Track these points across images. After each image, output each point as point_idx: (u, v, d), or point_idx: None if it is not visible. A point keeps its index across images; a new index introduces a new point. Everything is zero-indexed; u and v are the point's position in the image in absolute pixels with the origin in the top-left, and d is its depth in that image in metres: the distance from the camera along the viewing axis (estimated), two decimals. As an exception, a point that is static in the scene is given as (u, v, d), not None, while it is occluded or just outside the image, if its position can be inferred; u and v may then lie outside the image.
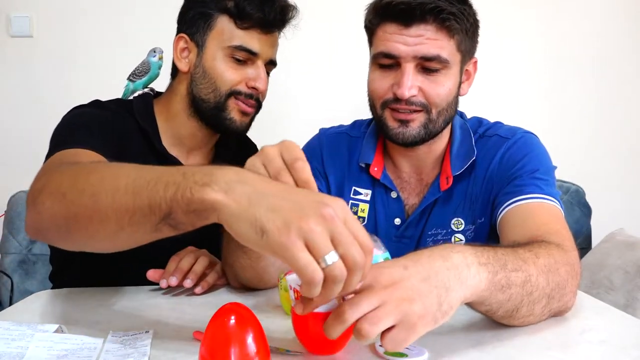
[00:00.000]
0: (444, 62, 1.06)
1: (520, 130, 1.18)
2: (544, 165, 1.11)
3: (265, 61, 1.18)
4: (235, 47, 1.15)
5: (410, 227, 1.18)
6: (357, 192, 1.22)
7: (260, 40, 1.16)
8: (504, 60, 2.12)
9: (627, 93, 2.15)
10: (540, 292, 0.81)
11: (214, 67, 1.17)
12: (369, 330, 0.63)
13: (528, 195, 1.04)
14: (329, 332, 0.66)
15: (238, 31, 1.15)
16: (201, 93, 1.19)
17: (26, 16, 2.11)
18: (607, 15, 2.13)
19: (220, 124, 1.20)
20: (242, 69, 1.17)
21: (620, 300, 1.65)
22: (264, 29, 1.16)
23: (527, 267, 0.80)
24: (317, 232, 0.57)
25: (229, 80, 1.17)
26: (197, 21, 1.18)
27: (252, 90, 1.18)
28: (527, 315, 0.82)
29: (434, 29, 1.04)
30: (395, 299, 0.65)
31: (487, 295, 0.75)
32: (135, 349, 0.77)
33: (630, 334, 0.84)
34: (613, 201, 2.11)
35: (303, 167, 0.69)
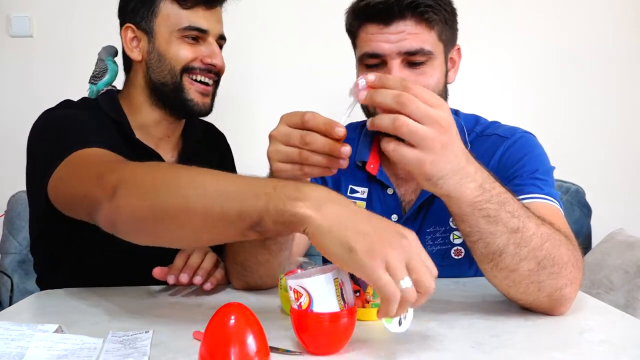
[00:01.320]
0: (427, 54, 1.08)
1: (520, 130, 1.18)
2: (543, 166, 1.11)
3: (215, 37, 1.21)
4: (184, 29, 1.18)
5: (408, 224, 1.17)
6: (354, 190, 1.23)
7: (206, 17, 1.19)
8: (504, 59, 2.12)
9: (628, 93, 2.15)
10: (530, 251, 0.83)
11: (168, 49, 1.19)
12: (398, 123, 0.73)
13: (529, 195, 1.04)
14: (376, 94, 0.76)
15: (183, 12, 1.18)
16: (159, 77, 1.20)
17: (26, 16, 2.10)
18: (608, 15, 2.12)
19: (182, 107, 1.21)
20: (195, 47, 1.19)
21: (620, 300, 1.65)
22: (207, 5, 1.19)
23: (526, 222, 0.83)
24: (397, 260, 0.67)
25: (183, 58, 1.18)
26: (141, 10, 1.20)
27: (209, 66, 1.20)
28: (511, 268, 0.83)
29: (414, 23, 1.07)
30: (428, 134, 0.74)
31: (469, 212, 0.81)
32: (135, 349, 0.77)
33: (630, 334, 0.84)
34: (613, 201, 2.10)
35: (313, 116, 0.79)
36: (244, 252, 1.03)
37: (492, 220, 0.81)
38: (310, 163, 0.81)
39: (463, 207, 0.81)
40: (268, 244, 0.99)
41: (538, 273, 0.84)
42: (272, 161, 0.85)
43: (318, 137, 0.80)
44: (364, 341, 0.80)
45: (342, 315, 0.74)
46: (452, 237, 1.16)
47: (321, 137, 0.80)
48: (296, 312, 0.75)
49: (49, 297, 1.09)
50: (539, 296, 0.86)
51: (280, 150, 0.83)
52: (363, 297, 0.87)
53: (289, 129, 0.82)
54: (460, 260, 1.16)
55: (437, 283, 1.09)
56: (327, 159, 0.80)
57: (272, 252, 1.01)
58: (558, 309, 0.89)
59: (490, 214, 0.81)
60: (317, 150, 0.80)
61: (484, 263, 0.85)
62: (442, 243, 1.16)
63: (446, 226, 1.16)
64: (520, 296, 0.88)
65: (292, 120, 0.83)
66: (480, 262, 0.86)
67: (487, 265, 0.85)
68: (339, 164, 0.81)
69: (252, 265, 1.04)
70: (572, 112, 2.13)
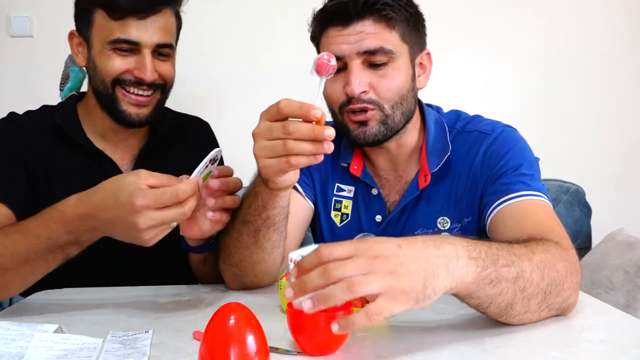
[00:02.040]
0: (388, 54, 1.07)
1: (500, 124, 1.17)
2: (527, 160, 1.10)
3: (151, 48, 1.15)
4: (114, 41, 1.14)
5: (391, 225, 1.18)
6: (340, 189, 1.23)
7: (139, 28, 1.13)
8: (504, 59, 2.12)
9: (628, 93, 2.15)
10: (535, 288, 0.80)
11: (100, 62, 1.16)
12: (352, 288, 0.66)
13: (517, 193, 1.03)
14: (305, 281, 0.69)
15: (114, 23, 1.13)
16: (95, 86, 1.20)
17: (26, 16, 2.10)
18: (608, 15, 2.13)
19: (118, 117, 1.19)
20: (127, 59, 1.15)
21: (620, 300, 1.64)
22: (139, 15, 1.13)
23: (520, 263, 0.79)
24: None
25: (112, 71, 1.15)
26: (81, 17, 1.19)
27: (138, 79, 1.16)
28: (523, 311, 0.82)
29: (372, 22, 1.06)
30: (384, 270, 0.68)
31: (475, 289, 0.75)
32: (135, 349, 0.77)
33: (630, 334, 0.84)
34: (613, 201, 2.10)
35: (288, 102, 0.82)
36: (237, 253, 1.03)
37: (495, 282, 0.77)
38: (295, 152, 0.82)
39: (469, 287, 0.75)
40: (261, 243, 1.00)
41: (546, 301, 0.83)
42: (259, 159, 0.86)
43: (300, 123, 0.81)
44: (362, 341, 0.80)
45: (338, 315, 0.74)
46: None
47: (303, 123, 0.81)
48: (292, 312, 0.75)
49: (49, 297, 1.09)
50: (549, 314, 0.86)
51: (265, 146, 0.84)
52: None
53: (270, 123, 0.83)
54: None
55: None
56: (312, 145, 0.81)
57: (266, 250, 1.02)
58: (564, 314, 0.89)
59: (492, 278, 0.76)
60: (301, 138, 0.81)
61: (498, 318, 0.83)
62: None
63: (434, 228, 1.15)
64: (534, 321, 0.86)
65: (270, 113, 0.84)
66: (494, 317, 0.83)
67: (501, 319, 0.83)
68: (324, 149, 0.82)
69: (247, 265, 1.04)
70: (573, 112, 2.13)
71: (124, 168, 1.25)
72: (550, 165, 1.44)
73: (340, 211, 1.22)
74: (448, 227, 1.15)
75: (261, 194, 0.95)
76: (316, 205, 1.24)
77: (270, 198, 0.95)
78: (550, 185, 1.89)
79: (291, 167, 0.85)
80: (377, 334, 0.84)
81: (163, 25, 1.16)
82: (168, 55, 1.20)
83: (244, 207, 1.00)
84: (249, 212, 0.98)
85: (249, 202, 0.98)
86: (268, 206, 0.96)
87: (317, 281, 0.68)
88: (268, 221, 0.98)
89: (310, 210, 1.23)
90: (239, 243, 1.02)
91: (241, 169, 1.04)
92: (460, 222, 1.14)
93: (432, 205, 1.15)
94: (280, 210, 0.98)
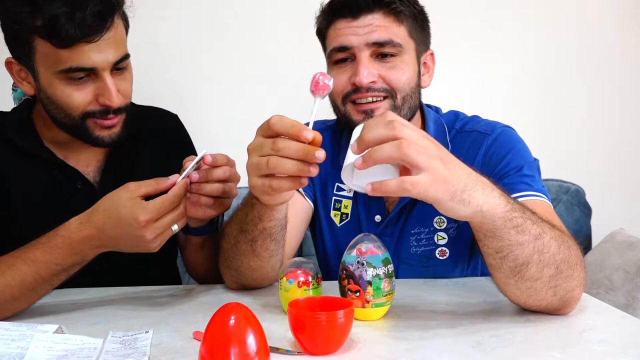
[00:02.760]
0: (397, 46, 1.08)
1: (499, 124, 1.18)
2: (527, 161, 1.11)
3: (109, 68, 1.04)
4: (66, 70, 1.02)
5: (390, 225, 1.18)
6: (340, 189, 1.23)
7: (91, 52, 1.01)
8: (504, 59, 2.12)
9: (628, 93, 2.15)
10: (551, 257, 0.81)
11: (55, 94, 1.05)
12: (403, 148, 0.71)
13: (520, 193, 1.04)
14: (369, 133, 0.74)
15: (62, 52, 1.00)
16: (57, 117, 1.09)
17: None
18: (607, 15, 2.12)
19: (89, 142, 1.11)
20: (86, 86, 1.05)
21: (620, 300, 1.64)
22: (89, 38, 1.00)
23: (542, 225, 0.82)
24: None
25: (77, 105, 1.05)
26: (17, 44, 1.05)
27: (105, 107, 1.06)
28: (535, 277, 0.82)
29: (382, 16, 1.07)
30: (435, 154, 0.73)
31: (501, 225, 0.78)
32: (135, 349, 0.77)
33: (630, 334, 0.84)
34: (613, 201, 2.10)
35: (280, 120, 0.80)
36: (235, 259, 1.03)
37: (520, 229, 0.78)
38: (278, 171, 0.80)
39: (496, 220, 0.77)
40: (259, 252, 0.99)
41: (556, 278, 0.83)
42: (249, 176, 0.85)
43: (291, 142, 0.79)
44: (363, 341, 0.80)
45: (339, 315, 0.74)
46: (437, 238, 1.16)
47: (294, 142, 0.79)
48: (293, 312, 0.75)
49: (49, 297, 1.08)
50: (553, 300, 0.86)
51: (253, 163, 0.82)
52: (363, 297, 0.87)
53: (262, 139, 0.82)
54: (444, 261, 1.16)
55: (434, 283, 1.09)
56: (296, 165, 0.79)
57: (264, 259, 1.01)
58: (565, 310, 0.89)
59: (518, 224, 0.78)
60: (289, 156, 0.79)
61: (509, 278, 0.83)
62: (426, 244, 1.16)
63: (430, 227, 1.16)
64: (536, 303, 0.87)
65: (263, 128, 0.83)
66: (506, 277, 0.84)
67: (512, 279, 0.83)
68: (309, 172, 0.80)
69: (245, 270, 1.04)
70: (572, 112, 2.13)
71: (90, 176, 1.18)
72: (550, 165, 1.44)
73: (340, 211, 1.22)
74: (444, 226, 1.15)
75: (257, 206, 0.93)
76: (316, 205, 1.24)
77: (266, 211, 0.93)
78: (550, 185, 1.89)
79: (273, 190, 0.83)
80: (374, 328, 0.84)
81: (115, 39, 1.04)
82: (125, 66, 1.10)
83: (241, 215, 0.98)
84: (246, 222, 0.97)
85: (246, 211, 0.97)
86: (264, 218, 0.94)
87: (380, 131, 0.73)
88: (265, 232, 0.96)
89: (310, 209, 1.23)
90: (236, 250, 1.01)
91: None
92: (457, 222, 1.14)
93: (429, 205, 1.15)
94: (277, 222, 0.96)
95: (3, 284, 0.95)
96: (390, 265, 0.88)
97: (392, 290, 0.89)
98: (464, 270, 1.19)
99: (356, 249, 0.88)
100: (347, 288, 0.88)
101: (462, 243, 1.15)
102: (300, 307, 0.79)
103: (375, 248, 0.88)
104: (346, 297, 0.88)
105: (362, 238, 0.90)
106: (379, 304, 0.87)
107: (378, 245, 0.89)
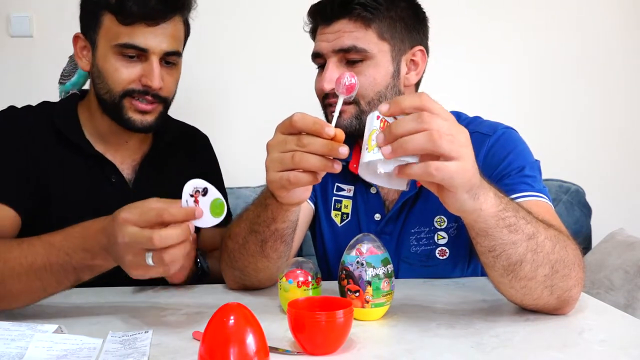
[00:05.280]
0: (361, 52, 1.09)
1: (501, 125, 1.18)
2: (528, 162, 1.11)
3: (159, 55, 1.14)
4: (121, 45, 1.12)
5: (390, 223, 1.18)
6: (340, 189, 1.23)
7: (147, 35, 1.12)
8: (503, 59, 2.12)
9: (628, 93, 2.14)
10: (545, 257, 0.82)
11: (105, 66, 1.14)
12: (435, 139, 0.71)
13: (521, 193, 1.04)
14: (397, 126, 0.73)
15: (122, 28, 1.11)
16: (101, 93, 1.17)
17: (26, 16, 2.10)
18: (608, 15, 2.12)
19: (121, 123, 1.18)
20: (134, 65, 1.14)
21: (620, 300, 1.64)
22: (149, 21, 1.11)
23: (537, 225, 0.83)
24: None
25: (121, 80, 1.13)
26: (88, 19, 1.17)
27: (146, 87, 1.14)
28: (529, 276, 0.83)
29: (348, 21, 1.10)
30: (464, 142, 0.74)
31: (493, 224, 0.79)
32: (134, 349, 0.77)
33: (630, 334, 0.84)
34: (613, 201, 2.10)
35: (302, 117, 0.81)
36: (242, 260, 1.03)
37: (512, 229, 0.80)
38: (303, 166, 0.81)
39: (489, 219, 0.79)
40: (268, 253, 0.99)
41: (552, 277, 0.83)
42: (268, 171, 0.85)
43: (316, 138, 0.80)
44: (363, 341, 0.80)
45: (338, 315, 0.74)
46: (437, 238, 1.16)
47: (318, 138, 0.80)
48: (292, 312, 0.75)
49: (49, 297, 1.08)
50: (550, 299, 0.87)
51: (276, 159, 0.83)
52: (363, 297, 0.87)
53: (284, 136, 0.83)
54: (445, 261, 1.16)
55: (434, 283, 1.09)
56: (320, 161, 0.80)
57: (272, 260, 1.01)
58: (564, 309, 0.90)
59: (511, 223, 0.80)
60: (315, 152, 0.80)
61: (503, 277, 0.84)
62: (426, 243, 1.16)
63: (430, 226, 1.16)
64: (532, 302, 0.88)
65: (284, 126, 0.84)
66: (500, 276, 0.85)
67: (506, 278, 0.84)
68: (332, 168, 0.81)
69: (251, 271, 1.04)
70: (573, 112, 2.13)
71: (124, 173, 1.24)
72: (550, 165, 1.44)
73: (341, 211, 1.23)
74: (445, 225, 1.15)
75: (271, 207, 0.94)
76: (316, 206, 1.24)
77: (280, 212, 0.94)
78: (550, 185, 1.89)
79: (290, 184, 0.83)
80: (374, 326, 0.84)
81: (172, 32, 1.15)
82: (175, 63, 1.19)
83: (252, 215, 0.98)
84: (257, 222, 0.97)
85: (258, 212, 0.97)
86: (277, 219, 0.95)
87: (410, 125, 0.72)
88: (276, 234, 0.97)
89: (311, 211, 1.23)
90: (244, 250, 1.01)
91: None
92: (457, 222, 1.14)
93: (430, 203, 1.15)
94: (289, 224, 0.97)
95: (17, 259, 0.92)
96: (389, 265, 0.88)
97: (391, 290, 0.89)
98: (464, 270, 1.19)
99: (356, 249, 0.88)
100: (346, 288, 0.88)
101: (462, 243, 1.15)
102: (300, 307, 0.79)
103: (374, 248, 0.88)
104: (346, 297, 0.88)
105: (361, 238, 0.90)
106: (379, 304, 0.87)
107: (378, 245, 0.89)
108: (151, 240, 0.77)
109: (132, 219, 0.80)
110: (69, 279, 0.91)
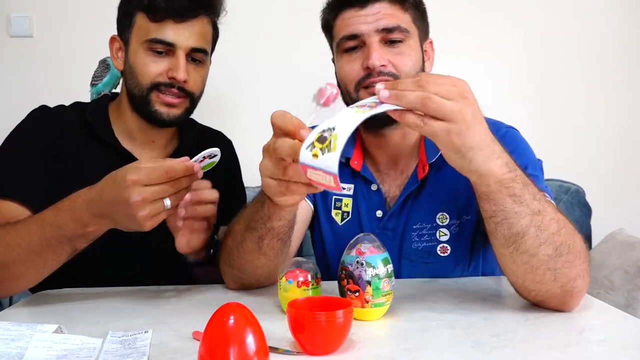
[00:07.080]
0: (404, 32, 1.11)
1: (503, 124, 1.18)
2: (531, 161, 1.12)
3: (186, 51, 1.19)
4: (150, 41, 1.18)
5: (392, 219, 1.18)
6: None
7: (175, 31, 1.18)
8: (503, 58, 2.12)
9: (628, 93, 2.15)
10: (549, 236, 0.83)
11: (135, 62, 1.20)
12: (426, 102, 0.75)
13: None
14: (398, 82, 0.78)
15: (152, 24, 1.18)
16: (131, 88, 1.23)
17: (26, 16, 2.10)
18: (608, 15, 2.13)
19: (149, 117, 1.22)
20: (162, 60, 1.19)
21: (620, 300, 1.65)
22: (176, 18, 1.17)
23: (545, 205, 0.84)
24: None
25: (149, 73, 1.19)
26: (123, 20, 1.24)
27: (172, 80, 1.19)
28: (531, 252, 0.84)
29: (388, 4, 1.11)
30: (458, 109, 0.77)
31: (495, 189, 0.82)
32: (134, 348, 0.77)
33: (630, 334, 0.84)
34: (613, 201, 2.10)
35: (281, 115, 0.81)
36: (240, 257, 1.03)
37: (517, 199, 0.82)
38: (295, 180, 0.81)
39: (491, 184, 0.82)
40: (265, 250, 0.99)
41: (555, 260, 0.85)
42: (261, 176, 0.86)
43: (285, 141, 0.79)
44: (362, 341, 0.80)
45: (338, 315, 0.74)
46: (439, 234, 1.16)
47: (289, 141, 0.79)
48: (292, 312, 0.75)
49: (49, 297, 1.09)
50: (554, 286, 0.87)
51: (266, 165, 0.84)
52: (362, 297, 0.87)
53: (273, 139, 0.83)
54: (446, 258, 1.16)
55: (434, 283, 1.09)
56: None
57: (269, 257, 1.01)
58: (569, 303, 0.90)
59: (515, 193, 0.82)
60: (284, 157, 0.80)
61: (505, 247, 0.86)
62: (428, 240, 1.16)
63: (432, 223, 1.16)
64: (535, 286, 0.88)
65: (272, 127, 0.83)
66: (502, 246, 0.86)
67: (508, 249, 0.86)
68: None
69: (249, 269, 1.04)
70: (573, 112, 2.13)
71: None
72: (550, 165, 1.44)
73: (341, 209, 1.23)
74: (447, 222, 1.15)
75: (267, 204, 0.94)
76: (316, 206, 1.24)
77: (276, 210, 0.94)
78: (550, 185, 1.87)
79: (291, 193, 0.84)
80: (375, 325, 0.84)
81: (199, 30, 1.20)
82: (202, 61, 1.23)
83: (249, 213, 0.99)
84: (254, 219, 0.97)
85: (255, 209, 0.97)
86: (273, 217, 0.95)
87: (409, 85, 0.77)
88: (272, 231, 0.97)
89: (310, 211, 1.23)
90: (242, 248, 1.01)
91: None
92: (459, 219, 1.15)
93: (431, 200, 1.16)
94: (285, 222, 0.97)
95: (15, 242, 0.98)
96: (389, 265, 0.88)
97: (391, 290, 0.88)
98: (465, 270, 1.18)
99: (355, 249, 0.88)
100: (346, 288, 0.88)
101: (463, 241, 1.16)
102: (300, 307, 0.79)
103: (374, 248, 0.88)
104: (345, 297, 0.88)
105: (361, 238, 0.90)
106: (378, 304, 0.87)
107: (377, 245, 0.89)
108: (166, 193, 0.91)
109: (142, 179, 0.89)
110: (65, 250, 0.98)
